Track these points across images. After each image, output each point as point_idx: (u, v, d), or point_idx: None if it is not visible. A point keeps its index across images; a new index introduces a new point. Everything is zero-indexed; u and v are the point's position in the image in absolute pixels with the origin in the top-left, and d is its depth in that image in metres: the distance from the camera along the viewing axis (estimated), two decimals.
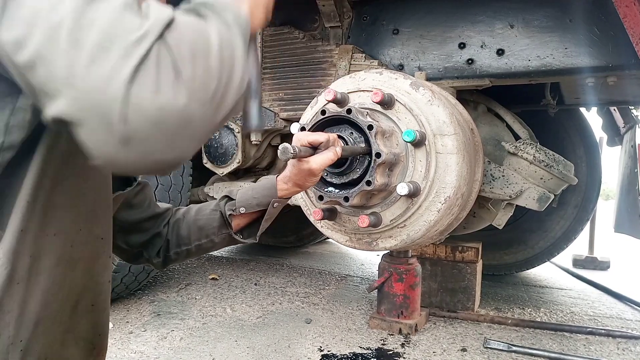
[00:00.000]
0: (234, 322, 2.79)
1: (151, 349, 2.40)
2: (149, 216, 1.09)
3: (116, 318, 2.79)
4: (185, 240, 1.12)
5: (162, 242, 1.12)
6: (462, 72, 2.52)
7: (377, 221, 1.63)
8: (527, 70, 2.40)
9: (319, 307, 3.11)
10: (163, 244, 1.12)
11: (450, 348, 2.50)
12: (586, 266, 4.73)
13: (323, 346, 2.48)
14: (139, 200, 1.06)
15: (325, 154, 1.17)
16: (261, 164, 3.22)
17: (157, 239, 1.11)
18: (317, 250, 5.15)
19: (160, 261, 1.12)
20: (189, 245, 1.12)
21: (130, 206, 1.04)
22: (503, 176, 2.66)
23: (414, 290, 2.70)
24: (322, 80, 2.70)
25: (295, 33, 2.80)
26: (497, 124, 2.84)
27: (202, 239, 1.12)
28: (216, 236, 1.13)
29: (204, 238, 1.12)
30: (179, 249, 1.12)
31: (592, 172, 3.83)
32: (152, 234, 1.10)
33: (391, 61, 2.67)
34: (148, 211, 1.08)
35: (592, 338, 2.70)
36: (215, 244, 1.13)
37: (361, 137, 1.50)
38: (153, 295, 3.23)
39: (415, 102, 1.71)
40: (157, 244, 1.11)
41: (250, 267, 4.16)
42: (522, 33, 2.40)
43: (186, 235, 1.12)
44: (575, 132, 3.87)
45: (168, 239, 1.12)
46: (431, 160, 1.65)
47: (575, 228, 3.90)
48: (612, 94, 3.25)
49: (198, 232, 1.13)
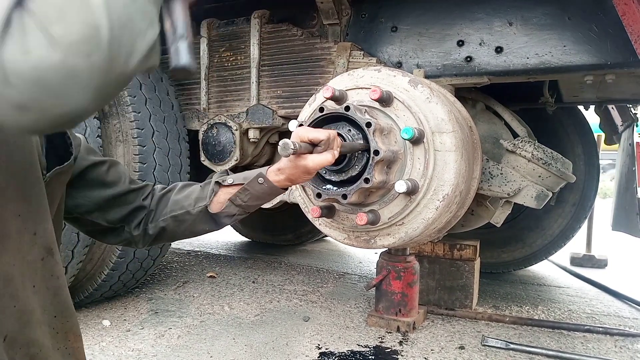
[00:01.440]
0: (232, 320, 2.78)
1: (149, 346, 2.39)
2: (126, 190, 1.09)
3: (113, 316, 2.79)
4: (163, 212, 1.12)
5: (143, 214, 1.12)
6: (461, 69, 2.52)
7: (375, 219, 1.62)
8: (525, 67, 2.40)
9: (317, 305, 3.11)
10: (144, 217, 1.12)
11: (448, 346, 2.50)
12: (584, 264, 4.74)
13: (321, 344, 2.47)
14: (113, 177, 1.07)
15: (324, 155, 1.16)
16: (259, 162, 3.21)
17: (137, 212, 1.11)
18: (315, 248, 5.15)
19: (140, 234, 1.12)
20: (165, 216, 1.12)
21: (104, 184, 1.05)
22: (501, 174, 2.66)
23: (412, 288, 2.70)
24: (321, 78, 2.69)
25: (294, 30, 2.79)
26: (495, 121, 2.84)
27: (178, 210, 1.12)
28: (192, 208, 1.12)
29: (179, 210, 1.12)
30: (156, 222, 1.12)
31: (590, 170, 3.83)
32: (132, 207, 1.10)
33: (389, 59, 2.67)
34: (124, 186, 1.09)
35: (589, 336, 2.70)
36: (191, 216, 1.12)
37: (359, 134, 1.49)
38: (150, 292, 3.22)
39: (413, 99, 1.71)
40: (138, 216, 1.11)
41: (248, 265, 4.16)
42: (521, 30, 2.40)
43: (165, 207, 1.13)
44: (574, 130, 3.87)
45: (151, 209, 1.13)
46: (429, 157, 1.65)
47: (573, 226, 3.91)
48: (611, 92, 3.25)
49: (175, 204, 1.13)
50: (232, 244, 5.16)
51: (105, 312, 2.85)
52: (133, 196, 1.11)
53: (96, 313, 2.81)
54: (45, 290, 0.87)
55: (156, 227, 1.12)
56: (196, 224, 1.14)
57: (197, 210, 1.13)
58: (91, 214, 1.06)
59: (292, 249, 5.01)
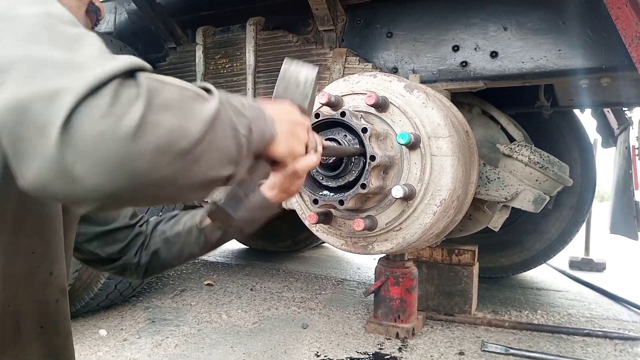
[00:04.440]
0: (230, 328, 2.76)
1: (145, 356, 2.37)
2: (125, 225, 1.08)
3: (110, 325, 2.76)
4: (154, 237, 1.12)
5: (141, 241, 1.10)
6: (456, 74, 2.52)
7: (373, 224, 1.62)
8: (520, 72, 2.40)
9: (316, 312, 3.09)
10: (141, 244, 1.11)
11: (448, 352, 2.48)
12: (582, 268, 4.74)
13: (320, 351, 2.46)
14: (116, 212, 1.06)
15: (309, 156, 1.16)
16: None
17: (136, 239, 1.10)
18: (313, 254, 5.13)
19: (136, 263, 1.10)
20: (155, 238, 1.11)
21: (105, 218, 1.04)
22: (498, 178, 2.65)
23: (410, 293, 2.68)
24: None
25: (289, 37, 2.79)
26: (491, 126, 2.85)
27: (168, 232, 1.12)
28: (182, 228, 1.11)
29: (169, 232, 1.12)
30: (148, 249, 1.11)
31: (586, 174, 3.84)
32: (130, 237, 1.09)
33: (385, 64, 2.67)
34: (124, 221, 1.08)
35: (589, 340, 2.69)
36: (181, 237, 1.12)
37: (355, 139, 1.49)
38: (147, 301, 3.20)
39: (409, 104, 1.71)
40: (137, 243, 1.10)
41: (246, 272, 4.14)
42: (516, 35, 2.40)
43: (156, 233, 1.12)
44: (570, 134, 3.88)
45: (146, 235, 1.11)
46: (426, 162, 1.65)
47: (571, 230, 3.91)
48: (606, 96, 3.26)
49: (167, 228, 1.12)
50: (229, 251, 5.14)
51: (102, 321, 2.82)
52: (131, 229, 1.10)
53: (93, 322, 2.79)
54: (56, 334, 0.82)
55: (148, 253, 1.10)
56: (187, 245, 1.11)
57: (186, 229, 1.11)
58: (89, 244, 1.05)
59: (290, 255, 4.99)
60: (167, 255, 1.11)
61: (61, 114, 0.44)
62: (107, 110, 0.45)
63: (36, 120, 0.44)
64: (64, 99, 0.44)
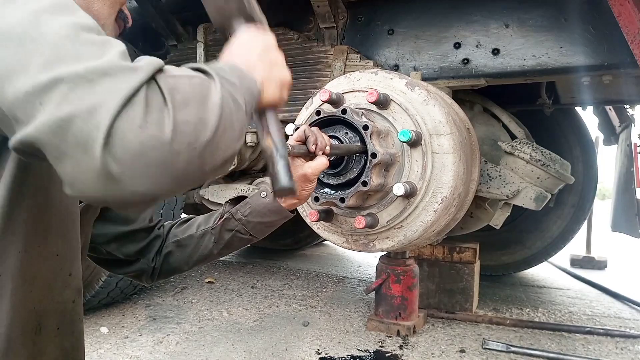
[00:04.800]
0: (231, 326, 2.76)
1: (147, 353, 2.37)
2: (144, 227, 1.08)
3: (112, 323, 2.76)
4: (168, 240, 1.12)
5: (159, 244, 1.10)
6: (458, 72, 2.51)
7: (374, 222, 1.61)
8: (522, 69, 2.40)
9: (317, 310, 3.09)
10: (160, 247, 1.11)
11: (449, 349, 2.48)
12: (584, 266, 4.73)
13: (321, 349, 2.46)
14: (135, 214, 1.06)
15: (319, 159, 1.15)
16: (257, 166, 3.20)
17: (154, 242, 1.10)
18: (314, 252, 5.13)
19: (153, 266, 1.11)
20: (168, 241, 1.12)
21: (126, 219, 1.04)
22: (500, 176, 2.65)
23: (411, 291, 2.68)
24: (317, 81, 2.69)
25: (290, 34, 2.78)
26: (493, 123, 2.84)
27: (180, 235, 1.12)
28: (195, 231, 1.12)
29: (181, 234, 1.12)
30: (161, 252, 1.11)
31: (588, 172, 3.83)
32: (148, 240, 1.09)
33: (386, 61, 2.66)
34: (143, 223, 1.08)
35: (590, 337, 2.69)
36: (193, 239, 1.12)
37: (356, 137, 1.49)
38: (149, 299, 3.20)
39: (410, 102, 1.70)
40: (156, 246, 1.10)
41: (247, 270, 4.14)
42: (517, 32, 2.40)
43: (169, 236, 1.12)
44: (571, 132, 3.87)
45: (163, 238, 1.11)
46: (427, 160, 1.64)
47: (572, 228, 3.90)
48: (608, 93, 3.25)
49: (180, 232, 1.13)
50: None
51: (103, 319, 2.83)
52: (150, 231, 1.10)
53: (94, 320, 2.79)
54: (70, 334, 0.82)
55: (160, 257, 1.10)
56: (199, 248, 1.11)
57: (199, 233, 1.11)
58: (108, 245, 1.05)
59: (291, 253, 4.99)
60: (177, 258, 1.11)
61: (102, 130, 0.47)
62: (142, 120, 0.49)
63: (78, 137, 0.48)
64: (102, 115, 0.48)
